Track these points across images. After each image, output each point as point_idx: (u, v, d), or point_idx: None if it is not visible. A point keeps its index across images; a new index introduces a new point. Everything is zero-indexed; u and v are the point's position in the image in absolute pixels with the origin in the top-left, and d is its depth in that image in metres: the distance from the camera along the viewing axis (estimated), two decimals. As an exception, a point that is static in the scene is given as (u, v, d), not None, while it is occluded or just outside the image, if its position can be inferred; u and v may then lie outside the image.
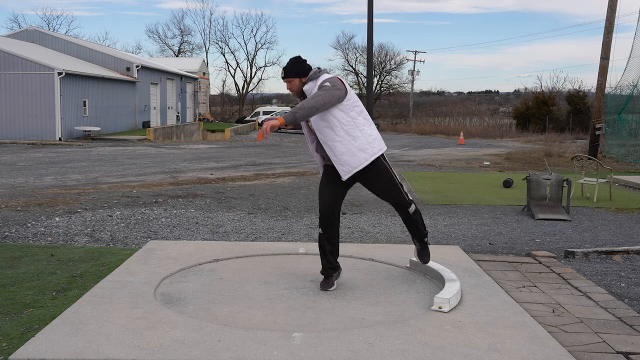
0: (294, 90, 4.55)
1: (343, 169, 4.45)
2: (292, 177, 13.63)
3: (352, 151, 4.43)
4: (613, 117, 20.68)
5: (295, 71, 4.50)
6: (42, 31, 35.04)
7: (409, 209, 4.71)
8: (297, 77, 4.51)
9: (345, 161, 4.43)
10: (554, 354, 3.53)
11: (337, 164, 4.47)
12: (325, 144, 4.48)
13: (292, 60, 4.53)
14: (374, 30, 16.74)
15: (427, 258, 4.94)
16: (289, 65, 4.51)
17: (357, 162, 4.44)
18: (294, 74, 4.50)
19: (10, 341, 3.75)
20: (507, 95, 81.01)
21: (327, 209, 4.57)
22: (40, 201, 9.54)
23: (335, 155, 4.46)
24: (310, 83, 4.50)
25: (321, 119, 4.45)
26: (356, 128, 4.45)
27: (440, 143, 30.22)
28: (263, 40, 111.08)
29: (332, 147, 4.45)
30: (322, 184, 4.69)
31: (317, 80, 4.47)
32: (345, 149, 4.42)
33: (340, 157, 4.44)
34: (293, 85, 4.53)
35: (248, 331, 3.77)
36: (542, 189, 9.12)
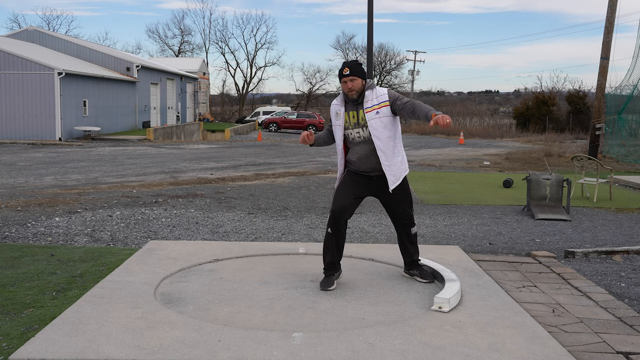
0: (355, 89, 4.65)
1: (393, 179, 4.68)
2: (292, 177, 13.63)
3: (401, 162, 4.74)
4: (613, 117, 20.67)
5: (361, 72, 4.67)
6: (42, 31, 35.04)
7: (412, 229, 4.93)
8: (362, 78, 4.67)
9: (395, 172, 4.69)
10: (554, 354, 3.53)
11: (388, 173, 4.67)
12: (382, 151, 4.64)
13: (356, 62, 4.71)
14: (374, 30, 16.74)
15: (429, 275, 5.00)
16: (356, 65, 4.67)
17: (400, 174, 4.75)
18: (360, 75, 4.66)
19: (10, 341, 3.75)
20: (507, 95, 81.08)
21: (341, 212, 4.66)
22: (40, 201, 9.54)
23: (390, 164, 4.66)
24: (370, 91, 4.69)
25: (384, 126, 4.62)
26: (401, 144, 4.79)
27: (440, 143, 30.23)
28: (263, 40, 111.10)
29: (388, 155, 4.65)
30: (343, 187, 4.77)
31: (375, 90, 4.69)
32: (397, 159, 4.70)
33: (393, 167, 4.67)
34: (356, 84, 4.64)
35: (248, 331, 3.77)
36: (542, 189, 9.12)
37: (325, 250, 4.76)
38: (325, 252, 4.76)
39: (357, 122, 4.67)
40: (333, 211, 4.66)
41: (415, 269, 5.03)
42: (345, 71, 4.62)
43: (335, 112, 4.77)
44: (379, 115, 4.59)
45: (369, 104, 4.62)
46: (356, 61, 4.74)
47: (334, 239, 4.70)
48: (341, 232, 4.71)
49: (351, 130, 4.71)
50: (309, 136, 4.83)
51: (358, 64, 4.68)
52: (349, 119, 4.70)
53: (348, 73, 4.61)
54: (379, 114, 4.59)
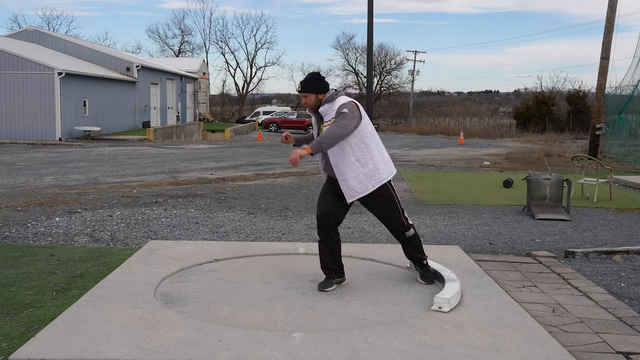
0: (309, 104, 4.63)
1: (349, 193, 4.59)
2: (292, 177, 13.63)
3: (359, 177, 4.56)
4: (613, 117, 20.67)
5: (314, 87, 4.58)
6: (42, 31, 35.03)
7: (407, 233, 4.81)
8: (315, 93, 4.58)
9: (352, 186, 4.57)
10: (554, 354, 3.53)
11: (343, 188, 4.59)
12: (335, 167, 4.59)
13: (310, 76, 4.61)
14: (374, 30, 16.74)
15: (432, 280, 4.94)
16: (308, 80, 4.58)
17: (362, 188, 4.58)
18: (313, 90, 4.58)
19: (10, 341, 3.75)
20: (507, 95, 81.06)
21: (323, 217, 4.64)
22: (40, 201, 9.54)
23: (343, 179, 4.58)
24: (327, 105, 4.58)
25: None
26: (367, 154, 4.58)
27: (440, 143, 30.22)
28: (263, 40, 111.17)
29: (341, 171, 4.57)
30: (324, 192, 4.77)
31: (334, 104, 4.55)
32: (354, 174, 4.55)
33: (348, 182, 4.57)
34: (309, 100, 4.60)
35: (248, 331, 3.77)
36: (542, 189, 9.12)
37: (319, 256, 4.78)
38: (319, 257, 4.78)
39: (319, 134, 4.69)
40: (317, 217, 4.68)
41: (419, 268, 4.98)
42: (298, 87, 4.61)
43: (313, 121, 4.81)
44: None
45: (326, 117, 4.57)
46: (314, 75, 4.62)
47: (324, 245, 4.70)
48: (331, 237, 4.67)
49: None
50: (288, 137, 4.79)
51: (313, 78, 4.58)
52: (318, 129, 4.74)
53: (299, 90, 4.60)
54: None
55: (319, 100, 4.60)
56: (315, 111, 4.66)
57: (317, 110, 4.64)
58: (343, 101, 4.54)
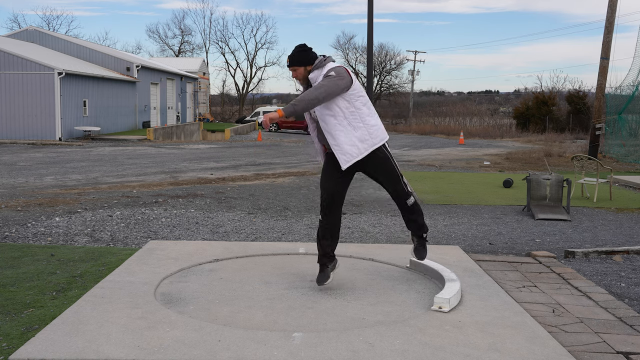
0: (299, 78, 4.56)
1: (343, 158, 4.48)
2: (292, 177, 13.63)
3: (352, 141, 4.46)
4: (613, 117, 20.67)
5: (301, 59, 4.50)
6: (42, 31, 35.03)
7: (407, 200, 4.70)
8: (302, 65, 4.51)
9: (346, 151, 4.46)
10: (554, 354, 3.53)
11: (337, 153, 4.49)
12: (328, 132, 4.50)
13: (297, 48, 4.54)
14: (374, 30, 16.74)
15: (424, 254, 4.89)
16: (295, 54, 4.51)
17: (357, 152, 4.47)
18: (299, 63, 4.50)
19: (10, 341, 3.75)
20: (507, 95, 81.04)
21: (327, 194, 4.59)
22: (40, 201, 9.54)
23: (336, 144, 4.48)
24: (316, 71, 4.50)
25: (325, 107, 4.46)
26: (359, 118, 4.48)
27: (440, 143, 30.22)
28: (263, 40, 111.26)
29: (334, 135, 4.48)
30: (324, 171, 4.70)
31: (323, 69, 4.47)
32: (346, 138, 4.46)
33: (342, 147, 4.46)
34: (298, 73, 4.54)
35: (248, 331, 3.77)
36: (542, 189, 9.12)
37: (317, 240, 4.67)
38: (318, 241, 4.67)
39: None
40: (322, 197, 4.60)
41: (416, 240, 4.89)
42: (287, 62, 4.54)
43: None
44: None
45: (316, 84, 4.45)
46: (300, 47, 4.53)
47: (327, 228, 4.60)
48: (335, 218, 4.60)
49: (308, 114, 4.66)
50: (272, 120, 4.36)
51: (300, 50, 4.51)
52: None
53: (288, 64, 4.54)
54: None
55: (308, 72, 4.53)
56: (307, 83, 4.57)
57: (307, 81, 4.56)
58: (332, 66, 4.48)
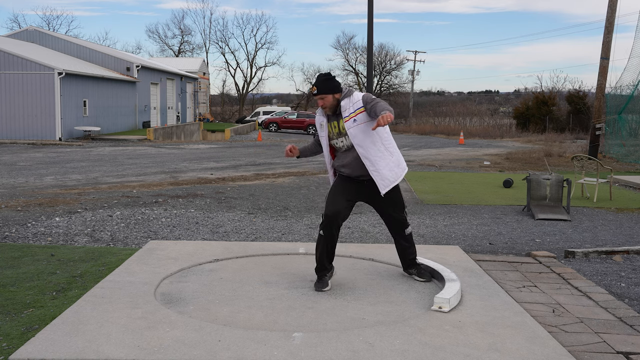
0: (327, 106, 4.66)
1: (383, 183, 4.62)
2: (292, 177, 13.63)
3: (390, 166, 4.64)
4: (613, 117, 20.67)
5: (328, 88, 4.63)
6: (42, 31, 35.03)
7: (406, 230, 4.91)
8: (331, 93, 4.63)
9: (384, 176, 4.61)
10: (554, 354, 3.53)
11: (377, 178, 4.61)
12: (367, 158, 4.60)
13: (323, 77, 4.65)
14: (374, 30, 16.74)
15: (427, 274, 5.02)
16: (322, 82, 4.62)
17: (394, 177, 4.66)
18: (328, 91, 4.63)
19: (10, 341, 3.75)
20: (507, 95, 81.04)
21: (334, 216, 4.64)
22: (40, 201, 9.54)
23: (376, 169, 4.61)
24: (346, 100, 4.65)
25: (363, 133, 4.58)
26: (392, 144, 4.71)
27: (440, 143, 30.22)
28: (263, 40, 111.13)
29: (373, 161, 4.60)
30: (336, 190, 4.76)
31: (352, 97, 4.64)
32: (385, 163, 4.62)
33: (381, 172, 4.61)
34: (326, 101, 4.64)
35: (248, 331, 3.77)
36: (542, 189, 9.12)
37: (316, 252, 4.76)
38: (316, 254, 4.76)
39: (339, 132, 4.69)
40: (327, 215, 4.65)
41: (413, 268, 5.04)
42: (313, 90, 4.65)
43: (320, 124, 4.81)
44: (357, 123, 4.57)
45: (346, 112, 4.61)
46: (325, 76, 4.67)
47: (326, 242, 4.69)
48: (333, 236, 4.69)
49: (336, 140, 4.73)
50: (293, 149, 4.89)
51: (327, 79, 4.63)
52: (332, 129, 4.73)
53: (316, 92, 4.63)
54: (356, 121, 4.57)
55: (336, 100, 4.65)
56: (333, 111, 4.68)
57: (334, 109, 4.67)
58: (361, 94, 4.67)
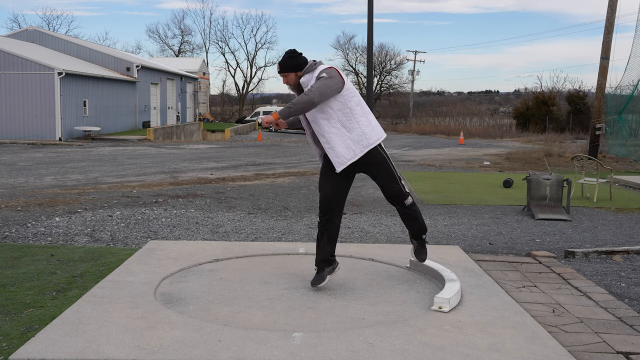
0: (290, 84, 4.54)
1: (338, 160, 4.44)
2: (292, 177, 13.63)
3: (347, 143, 4.42)
4: (613, 117, 20.67)
5: (291, 65, 4.47)
6: (42, 31, 35.03)
7: (406, 201, 4.67)
8: (293, 71, 4.48)
9: (339, 153, 4.42)
10: (554, 354, 3.53)
11: (331, 156, 4.45)
12: (321, 135, 4.46)
13: (287, 54, 4.51)
14: (374, 30, 16.74)
15: (424, 256, 4.90)
16: (284, 60, 4.49)
17: (351, 154, 4.43)
18: (290, 68, 4.48)
19: (10, 341, 3.75)
20: (507, 95, 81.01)
21: (325, 199, 4.55)
22: (40, 201, 9.54)
23: (330, 147, 4.44)
24: (307, 75, 4.47)
25: (318, 110, 4.42)
26: (353, 119, 4.44)
27: (440, 143, 30.22)
28: (263, 40, 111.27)
29: (328, 138, 4.43)
30: (322, 174, 4.66)
31: (314, 72, 4.44)
32: (340, 140, 4.42)
33: (336, 149, 4.42)
34: (289, 79, 4.51)
35: (248, 331, 3.77)
36: (542, 189, 9.12)
37: (317, 244, 4.65)
38: (317, 247, 4.65)
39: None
40: (319, 200, 4.57)
41: (415, 241, 4.88)
42: (277, 68, 4.52)
43: None
44: None
45: (307, 87, 4.43)
46: (290, 53, 4.50)
47: (326, 233, 4.57)
48: (334, 223, 4.56)
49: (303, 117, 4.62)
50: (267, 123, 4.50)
51: (290, 57, 4.47)
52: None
53: (279, 70, 4.51)
54: None
55: (299, 77, 4.50)
56: (298, 88, 4.55)
57: (299, 87, 4.53)
58: (323, 68, 4.45)
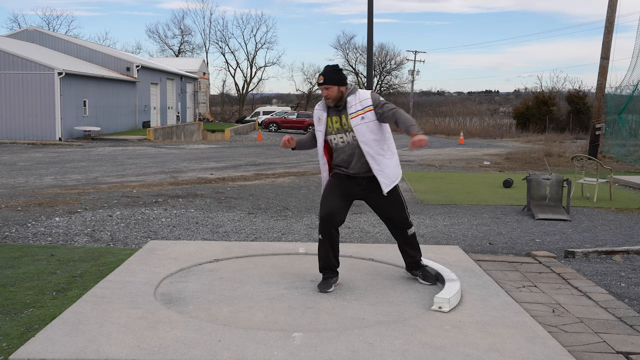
0: (331, 97, 4.62)
1: (386, 182, 4.61)
2: (292, 177, 13.63)
3: (393, 166, 4.66)
4: (613, 117, 20.67)
5: (336, 79, 4.60)
6: (42, 31, 35.03)
7: (408, 230, 4.82)
8: (337, 84, 4.60)
9: (388, 175, 4.61)
10: (554, 354, 3.53)
11: (380, 177, 4.59)
12: (372, 157, 4.58)
13: (332, 68, 4.64)
14: (374, 30, 16.74)
15: (432, 277, 4.93)
16: (330, 72, 4.60)
17: (395, 176, 4.68)
18: (336, 82, 4.60)
19: (10, 341, 3.75)
20: (507, 95, 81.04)
21: (329, 217, 4.61)
22: (40, 201, 9.54)
23: (380, 168, 4.59)
24: (352, 96, 4.62)
25: (372, 133, 4.56)
26: (393, 145, 4.73)
27: (440, 143, 30.22)
28: (263, 40, 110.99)
29: (378, 160, 4.59)
30: (329, 191, 4.72)
31: (358, 94, 4.62)
32: (389, 162, 4.63)
33: (385, 171, 4.60)
34: (331, 92, 4.60)
35: (248, 331, 3.77)
36: (542, 189, 9.12)
37: (319, 255, 4.74)
38: (319, 257, 4.74)
39: (340, 127, 4.64)
40: (321, 217, 4.62)
41: (418, 270, 4.97)
42: (320, 80, 4.61)
43: (318, 118, 4.74)
44: (365, 121, 4.53)
45: (352, 109, 4.56)
46: (334, 67, 4.65)
47: (326, 245, 4.66)
48: (333, 237, 4.65)
49: (334, 135, 4.67)
50: (290, 140, 4.86)
51: (335, 70, 4.62)
52: (332, 124, 4.66)
53: (322, 82, 4.59)
54: (364, 119, 4.53)
55: (341, 93, 4.61)
56: (336, 104, 4.64)
57: (338, 102, 4.63)
58: (367, 92, 4.66)
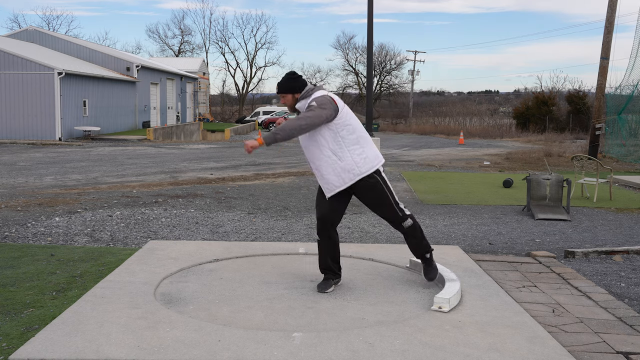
0: (287, 105, 4.64)
1: (327, 187, 4.53)
2: (292, 177, 13.63)
3: (337, 171, 4.47)
4: (613, 117, 20.67)
5: (289, 87, 4.56)
6: (42, 31, 35.04)
7: (403, 224, 4.64)
8: (290, 92, 4.57)
9: (329, 180, 4.50)
10: (554, 354, 3.53)
11: (321, 182, 4.55)
12: (311, 161, 4.56)
13: (286, 76, 4.60)
14: (374, 30, 16.73)
15: (433, 275, 4.82)
16: (283, 82, 4.58)
17: (340, 182, 4.49)
18: (287, 90, 4.57)
19: (10, 341, 3.75)
20: (507, 95, 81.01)
21: (323, 219, 4.61)
22: (40, 201, 9.54)
23: (320, 174, 4.53)
24: (302, 101, 4.55)
25: (309, 138, 4.51)
26: (344, 148, 4.46)
27: (440, 143, 30.22)
28: (263, 40, 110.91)
29: (317, 165, 4.52)
30: (318, 194, 4.73)
31: (309, 99, 4.51)
32: (330, 168, 4.48)
33: (325, 176, 4.51)
34: (286, 100, 4.60)
35: (248, 331, 3.77)
36: (542, 189, 9.12)
37: (319, 256, 4.75)
38: (319, 257, 4.76)
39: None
40: (317, 219, 4.64)
41: (423, 262, 4.84)
42: (276, 89, 4.61)
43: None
44: None
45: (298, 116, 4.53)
46: (289, 75, 4.59)
47: (324, 246, 4.67)
48: (331, 238, 4.65)
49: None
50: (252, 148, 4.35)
51: (289, 79, 4.56)
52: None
53: (277, 91, 4.60)
54: None
55: (296, 99, 4.58)
56: (294, 110, 4.65)
57: (293, 109, 4.64)
58: (316, 95, 4.47)
